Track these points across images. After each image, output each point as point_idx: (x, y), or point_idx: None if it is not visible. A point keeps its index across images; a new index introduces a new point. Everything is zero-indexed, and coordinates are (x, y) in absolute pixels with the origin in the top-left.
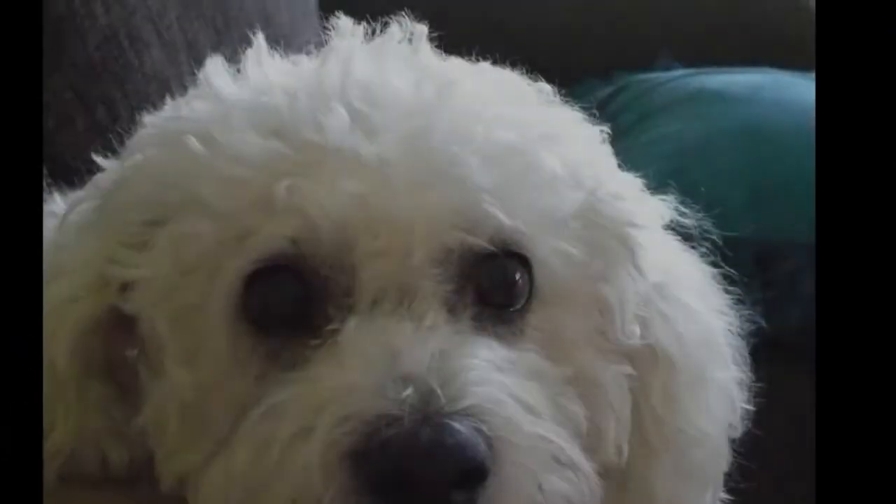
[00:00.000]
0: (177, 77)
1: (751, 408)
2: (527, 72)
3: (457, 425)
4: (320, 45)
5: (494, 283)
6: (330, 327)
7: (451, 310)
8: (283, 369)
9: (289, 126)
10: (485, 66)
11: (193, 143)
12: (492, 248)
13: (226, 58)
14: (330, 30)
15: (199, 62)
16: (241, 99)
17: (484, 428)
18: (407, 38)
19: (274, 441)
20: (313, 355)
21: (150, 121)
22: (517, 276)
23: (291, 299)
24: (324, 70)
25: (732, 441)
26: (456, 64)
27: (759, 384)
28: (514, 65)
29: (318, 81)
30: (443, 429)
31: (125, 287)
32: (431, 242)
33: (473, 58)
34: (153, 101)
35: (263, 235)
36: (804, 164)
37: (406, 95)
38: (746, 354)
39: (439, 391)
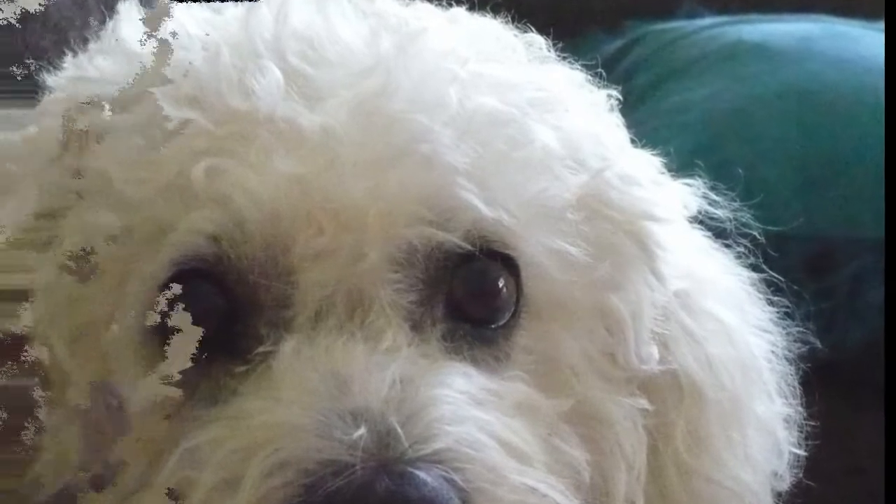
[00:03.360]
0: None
1: (802, 452)
2: (513, 20)
3: (422, 475)
4: None
5: (471, 292)
6: (261, 349)
7: (416, 326)
8: (201, 404)
9: (209, 90)
10: (459, 12)
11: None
12: (468, 246)
13: (141, 2)
14: None
15: (110, 7)
16: (149, 55)
17: (457, 478)
18: None
19: (191, 494)
20: (239, 386)
21: (51, 83)
22: (500, 283)
23: (211, 314)
24: (253, 18)
25: (778, 495)
26: (422, 10)
27: (811, 421)
28: (496, 11)
29: (246, 33)
30: (404, 479)
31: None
32: (390, 239)
33: (444, 2)
34: (50, 58)
35: (176, 232)
36: (869, 137)
37: (358, 50)
38: (796, 383)
39: (400, 431)
